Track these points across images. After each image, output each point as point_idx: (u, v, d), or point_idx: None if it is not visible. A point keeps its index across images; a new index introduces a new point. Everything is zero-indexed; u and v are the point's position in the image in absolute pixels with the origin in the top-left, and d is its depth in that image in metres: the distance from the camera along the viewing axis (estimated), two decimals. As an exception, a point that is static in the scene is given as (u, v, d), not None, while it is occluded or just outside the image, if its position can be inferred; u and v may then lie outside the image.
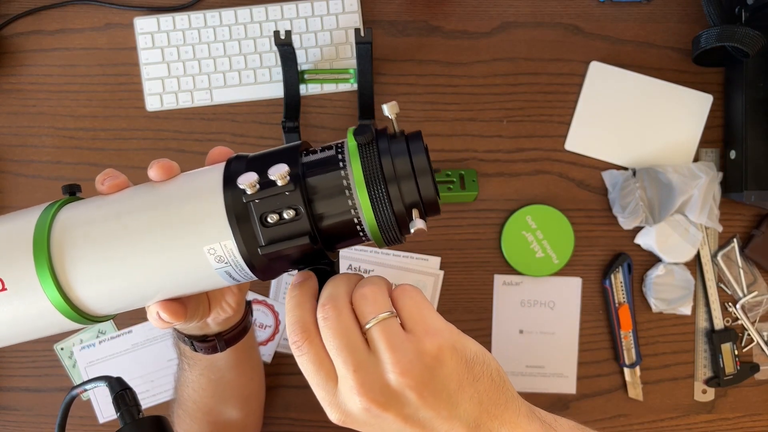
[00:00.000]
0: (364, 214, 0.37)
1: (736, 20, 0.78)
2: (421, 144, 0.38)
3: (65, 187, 0.43)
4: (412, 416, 0.36)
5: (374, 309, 0.37)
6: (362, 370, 0.35)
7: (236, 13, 0.81)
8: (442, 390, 0.36)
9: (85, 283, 0.39)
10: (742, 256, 0.81)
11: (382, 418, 0.36)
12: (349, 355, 0.36)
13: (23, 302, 0.38)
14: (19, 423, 0.81)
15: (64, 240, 0.38)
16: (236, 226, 0.37)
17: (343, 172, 0.37)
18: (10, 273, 0.38)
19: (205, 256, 0.38)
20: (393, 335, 0.36)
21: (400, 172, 0.37)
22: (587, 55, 0.82)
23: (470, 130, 0.82)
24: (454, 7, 0.83)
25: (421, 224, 0.37)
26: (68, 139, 0.82)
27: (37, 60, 0.82)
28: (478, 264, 0.81)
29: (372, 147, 0.37)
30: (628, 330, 0.80)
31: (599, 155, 0.82)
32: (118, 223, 0.39)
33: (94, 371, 0.80)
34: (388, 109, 0.39)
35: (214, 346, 0.55)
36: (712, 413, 0.81)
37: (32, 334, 0.40)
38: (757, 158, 0.76)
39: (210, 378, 0.62)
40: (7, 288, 0.38)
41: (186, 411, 0.65)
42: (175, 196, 0.39)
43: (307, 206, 0.37)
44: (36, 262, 0.38)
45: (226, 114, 0.82)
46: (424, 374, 0.36)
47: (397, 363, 0.35)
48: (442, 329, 0.37)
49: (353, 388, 0.35)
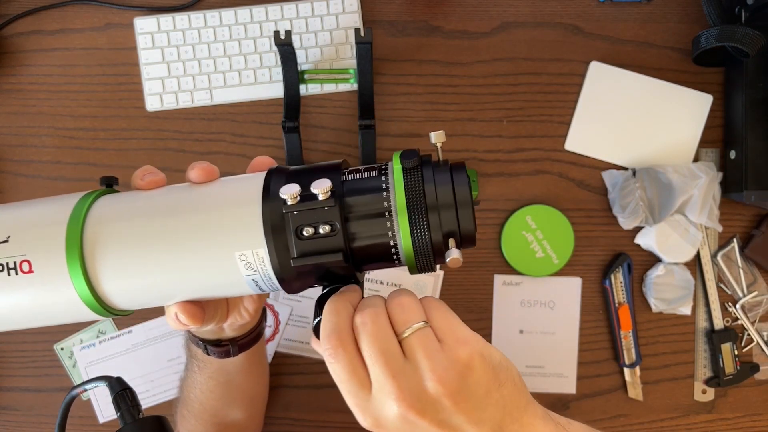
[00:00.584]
0: (402, 239, 0.38)
1: (736, 20, 0.78)
2: (464, 175, 0.39)
3: (103, 179, 0.44)
4: (446, 421, 0.37)
5: (410, 318, 0.38)
6: (401, 377, 0.36)
7: (236, 13, 0.81)
8: (472, 396, 0.38)
9: (113, 278, 0.39)
10: (742, 256, 0.81)
11: (416, 425, 0.37)
12: (388, 362, 0.37)
13: (49, 288, 0.38)
14: (19, 423, 0.81)
15: (98, 233, 0.39)
16: (270, 235, 0.37)
17: (385, 194, 0.38)
18: (40, 257, 0.38)
19: (235, 261, 0.38)
20: (429, 344, 0.37)
21: (442, 201, 0.38)
22: (587, 55, 0.82)
23: (470, 130, 0.82)
24: (454, 7, 0.83)
25: (457, 254, 0.38)
26: (68, 139, 0.82)
27: (37, 60, 0.82)
28: (478, 264, 0.81)
29: (417, 173, 0.38)
30: (628, 330, 0.80)
31: (599, 155, 0.82)
32: (153, 222, 0.39)
33: (94, 371, 0.80)
34: (435, 137, 0.39)
35: (227, 351, 0.55)
36: (712, 413, 0.81)
37: (51, 319, 0.41)
38: (757, 158, 0.76)
39: (219, 381, 0.62)
40: (34, 271, 0.38)
41: (191, 411, 0.65)
42: (214, 200, 0.40)
43: (344, 224, 0.37)
44: (67, 252, 0.38)
45: (226, 114, 0.82)
46: (458, 381, 0.37)
47: (434, 371, 0.36)
48: (470, 339, 0.38)
49: (391, 394, 0.36)
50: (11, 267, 0.38)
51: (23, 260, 0.38)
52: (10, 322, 0.40)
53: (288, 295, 0.80)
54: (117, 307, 0.41)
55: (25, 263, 0.38)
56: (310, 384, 0.81)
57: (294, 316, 0.80)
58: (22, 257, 0.38)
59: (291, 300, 0.80)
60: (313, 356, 0.81)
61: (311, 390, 0.81)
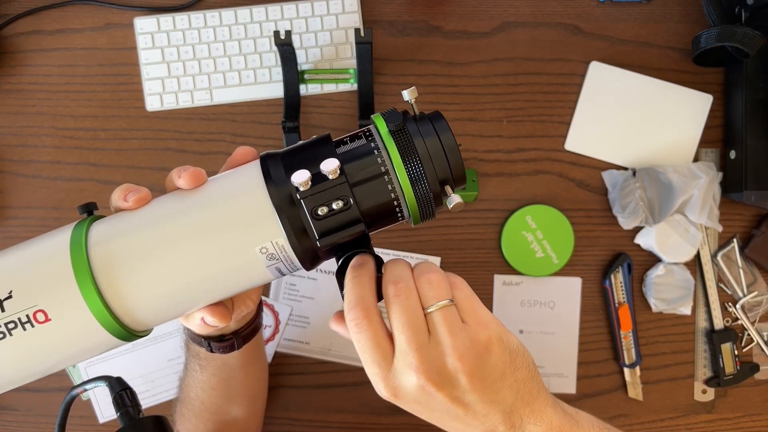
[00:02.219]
0: (405, 194, 0.39)
1: (736, 20, 0.78)
2: (444, 122, 0.41)
3: (82, 207, 0.41)
4: (460, 398, 0.39)
5: (438, 294, 0.39)
6: (424, 350, 0.38)
7: (236, 13, 0.81)
8: (488, 377, 0.39)
9: (133, 297, 0.38)
10: (742, 256, 0.81)
11: (433, 397, 0.39)
12: (414, 334, 0.38)
13: (70, 329, 0.37)
14: (19, 423, 0.81)
15: (106, 254, 0.37)
16: (287, 223, 0.38)
17: (379, 158, 0.39)
18: (52, 301, 0.36)
19: (256, 256, 0.38)
20: (453, 322, 0.39)
21: (433, 151, 0.39)
22: (587, 55, 0.82)
23: (470, 130, 0.82)
24: (454, 7, 0.83)
25: (458, 198, 0.39)
26: (68, 139, 0.82)
27: (37, 60, 0.82)
28: (478, 264, 0.81)
29: (404, 131, 0.39)
30: (628, 330, 0.80)
31: (599, 155, 0.82)
32: (161, 232, 0.38)
33: (94, 371, 0.80)
34: (409, 94, 0.41)
35: (231, 345, 0.55)
36: (712, 413, 0.81)
37: (78, 358, 0.39)
38: (757, 158, 0.76)
39: (221, 378, 0.62)
40: (51, 318, 0.36)
41: (192, 410, 0.65)
42: (217, 200, 0.39)
43: (353, 195, 0.38)
44: (79, 284, 0.36)
45: (226, 114, 0.82)
46: (476, 361, 0.39)
47: (456, 348, 0.38)
48: (491, 321, 0.41)
49: (413, 365, 0.38)
50: (24, 321, 0.35)
51: (37, 311, 0.36)
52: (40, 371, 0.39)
53: (288, 295, 0.80)
54: (140, 326, 0.40)
55: (39, 313, 0.36)
56: (310, 384, 0.81)
57: (294, 316, 0.80)
58: (34, 308, 0.36)
59: (291, 300, 0.80)
60: (312, 356, 0.81)
61: (311, 390, 0.81)
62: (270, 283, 0.80)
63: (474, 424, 0.41)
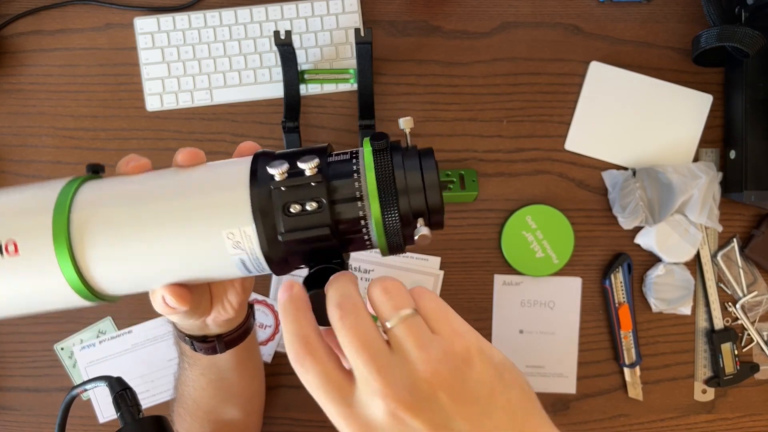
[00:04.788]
0: (373, 218, 0.39)
1: (736, 20, 0.78)
2: (432, 160, 0.40)
3: (90, 166, 0.44)
4: (445, 424, 0.32)
5: (397, 304, 0.34)
6: (387, 370, 0.32)
7: (236, 13, 0.81)
8: (473, 396, 0.32)
9: (100, 262, 0.39)
10: (742, 256, 0.81)
11: (409, 426, 0.31)
12: (373, 356, 0.32)
13: (35, 270, 0.38)
14: (19, 423, 0.81)
15: (84, 218, 0.39)
16: (258, 213, 0.38)
17: (357, 183, 0.39)
18: (26, 239, 0.38)
19: (223, 240, 0.39)
20: (420, 333, 0.33)
21: (411, 186, 0.39)
22: (587, 55, 0.82)
23: (470, 130, 0.82)
24: (454, 7, 0.83)
25: (426, 231, 0.38)
26: (68, 139, 0.82)
27: (37, 60, 0.82)
28: (478, 264, 0.81)
29: (386, 158, 0.39)
30: (628, 330, 0.80)
31: (599, 155, 0.82)
32: (139, 204, 0.40)
33: (94, 371, 0.80)
34: (404, 123, 0.40)
35: (213, 347, 0.55)
36: (712, 413, 0.81)
37: (37, 305, 0.40)
38: (757, 158, 0.76)
39: (210, 378, 0.62)
40: (20, 253, 0.38)
41: (186, 409, 0.65)
42: (200, 181, 0.40)
43: (330, 201, 0.38)
44: (54, 236, 0.38)
45: (226, 114, 0.82)
46: (455, 376, 0.32)
47: (427, 361, 0.32)
48: (468, 332, 0.34)
49: (377, 391, 0.31)
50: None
51: (9, 241, 0.38)
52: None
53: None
54: (104, 292, 0.41)
55: (11, 244, 0.38)
56: (310, 384, 0.81)
57: (294, 316, 0.80)
58: (9, 238, 0.38)
59: (291, 300, 0.80)
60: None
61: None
62: (270, 283, 0.80)
63: None
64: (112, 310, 0.81)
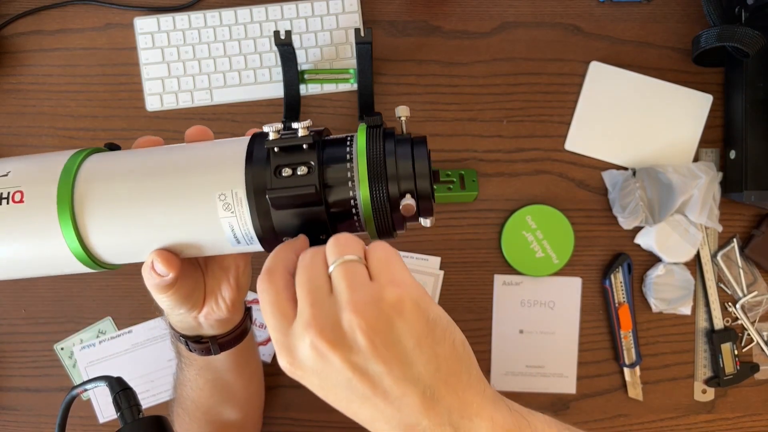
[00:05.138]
0: (361, 196, 0.39)
1: (736, 20, 0.78)
2: (425, 149, 0.41)
3: (107, 145, 0.47)
4: (361, 366, 0.34)
5: (342, 251, 0.36)
6: (318, 306, 0.34)
7: (236, 13, 0.81)
8: (396, 343, 0.34)
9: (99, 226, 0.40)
10: (742, 256, 0.81)
11: (328, 361, 0.34)
12: (310, 292, 0.35)
13: (37, 226, 0.40)
14: (19, 423, 0.81)
15: (87, 188, 0.41)
16: (249, 176, 0.39)
17: (349, 164, 0.40)
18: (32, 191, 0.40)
19: (215, 202, 0.40)
20: (354, 276, 0.35)
21: (402, 173, 0.40)
22: (587, 55, 0.82)
23: (470, 130, 0.82)
24: (454, 7, 0.83)
25: (410, 200, 0.39)
26: (68, 139, 0.82)
27: (37, 60, 0.82)
28: (478, 264, 0.81)
29: (378, 144, 0.40)
30: (628, 330, 0.80)
31: (599, 155, 0.82)
32: (139, 173, 0.41)
33: (94, 371, 0.80)
34: (400, 111, 0.41)
35: (207, 348, 0.55)
36: (712, 413, 0.81)
37: (36, 265, 0.42)
38: (757, 158, 0.76)
39: (207, 378, 0.62)
40: (25, 201, 0.40)
41: (185, 409, 0.65)
42: (201, 152, 0.42)
43: (321, 171, 0.39)
44: (59, 199, 0.40)
45: (226, 114, 0.82)
46: (378, 320, 0.34)
47: (351, 302, 0.34)
48: (407, 282, 0.35)
49: (306, 323, 0.34)
50: (4, 197, 0.40)
51: (17, 190, 0.40)
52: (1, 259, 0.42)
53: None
54: (102, 259, 0.42)
55: (17, 193, 0.40)
56: (310, 384, 0.81)
57: (294, 316, 0.80)
58: (17, 188, 0.40)
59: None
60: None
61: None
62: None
63: (388, 412, 0.34)
64: (111, 310, 0.81)
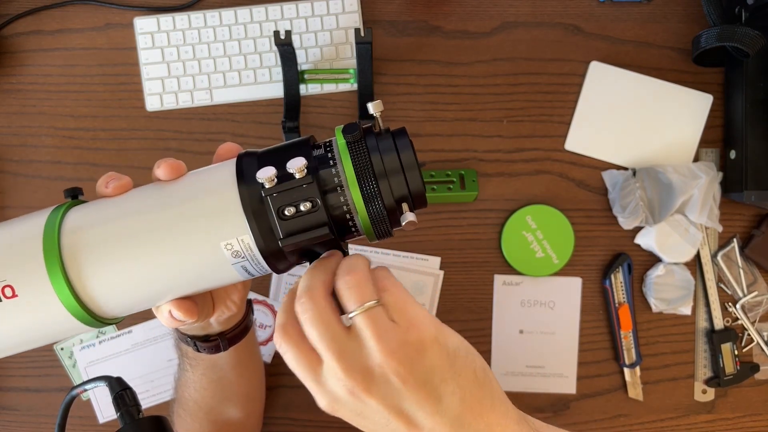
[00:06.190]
0: (357, 209, 0.38)
1: (736, 20, 0.78)
2: (407, 139, 0.40)
3: (67, 191, 0.43)
4: (397, 405, 0.36)
5: (360, 297, 0.37)
6: (345, 354, 0.36)
7: (236, 13, 0.81)
8: (425, 381, 0.36)
9: (99, 285, 0.38)
10: (742, 256, 0.81)
11: (366, 404, 0.36)
12: (330, 342, 0.36)
13: (36, 308, 0.37)
14: (19, 423, 0.81)
15: (76, 242, 0.38)
16: (253, 221, 0.37)
17: (334, 170, 0.38)
18: (21, 279, 0.37)
19: (221, 252, 0.38)
20: (379, 323, 0.36)
21: (390, 168, 0.38)
22: (587, 55, 0.82)
23: (470, 130, 0.82)
24: (454, 7, 0.83)
25: (412, 217, 0.38)
26: (68, 139, 0.82)
27: (37, 60, 0.82)
28: (478, 264, 0.81)
29: (361, 144, 0.38)
30: (628, 330, 0.80)
31: (599, 155, 0.82)
32: (131, 223, 0.39)
33: (94, 371, 0.80)
34: (374, 107, 0.40)
35: (217, 346, 0.55)
36: (712, 413, 0.81)
37: (43, 339, 0.40)
38: (757, 158, 0.76)
39: (211, 378, 0.62)
40: (18, 295, 0.37)
41: (187, 410, 0.65)
42: (188, 193, 0.39)
43: (323, 198, 0.38)
44: (47, 266, 0.37)
45: (226, 114, 0.82)
46: (406, 363, 0.36)
47: (381, 350, 0.36)
48: (425, 322, 0.38)
49: (337, 372, 0.36)
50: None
51: (5, 285, 0.37)
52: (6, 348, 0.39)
53: (288, 295, 0.80)
54: (108, 314, 0.40)
55: (7, 288, 0.37)
56: (310, 384, 0.81)
57: (294, 316, 0.80)
58: (3, 282, 0.37)
59: (291, 300, 0.80)
60: (313, 356, 0.81)
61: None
62: (270, 283, 0.80)
63: None
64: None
